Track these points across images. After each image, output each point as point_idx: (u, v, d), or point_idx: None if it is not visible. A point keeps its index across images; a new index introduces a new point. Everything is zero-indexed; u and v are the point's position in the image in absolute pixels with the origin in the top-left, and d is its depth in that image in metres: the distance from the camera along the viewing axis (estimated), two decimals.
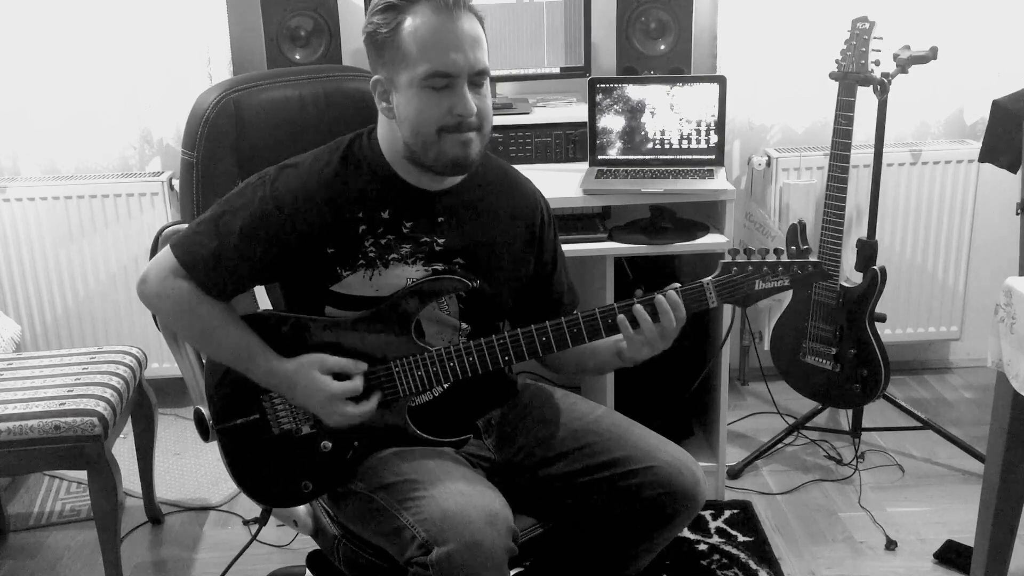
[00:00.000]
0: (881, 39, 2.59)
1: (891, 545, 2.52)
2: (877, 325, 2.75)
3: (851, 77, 2.60)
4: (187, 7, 3.05)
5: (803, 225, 2.76)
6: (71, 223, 3.12)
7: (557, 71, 3.01)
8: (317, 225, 1.64)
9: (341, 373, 1.65)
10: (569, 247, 2.46)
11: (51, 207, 3.10)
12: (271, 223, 1.63)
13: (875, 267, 2.71)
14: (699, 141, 2.64)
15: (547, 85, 3.12)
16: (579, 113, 2.82)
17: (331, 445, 1.70)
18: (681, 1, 2.90)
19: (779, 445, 2.98)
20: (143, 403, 2.58)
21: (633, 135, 2.67)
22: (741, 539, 2.55)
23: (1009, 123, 2.67)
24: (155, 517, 2.71)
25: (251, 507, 2.66)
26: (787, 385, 2.94)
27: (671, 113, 2.63)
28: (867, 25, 2.58)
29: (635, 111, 2.65)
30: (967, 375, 3.47)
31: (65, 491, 2.86)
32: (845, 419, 3.05)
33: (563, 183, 2.61)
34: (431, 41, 1.56)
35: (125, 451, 2.71)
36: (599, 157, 2.69)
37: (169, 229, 1.83)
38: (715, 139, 2.63)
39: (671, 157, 2.66)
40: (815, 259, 1.64)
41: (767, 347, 3.07)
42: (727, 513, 2.67)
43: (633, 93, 2.64)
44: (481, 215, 1.75)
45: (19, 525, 2.71)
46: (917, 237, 3.26)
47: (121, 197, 3.11)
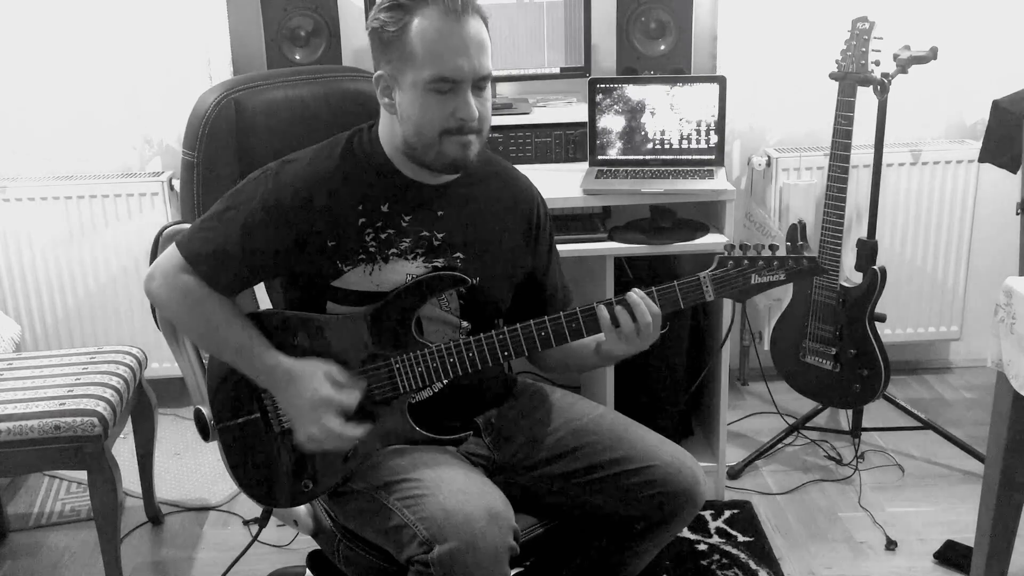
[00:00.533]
0: (881, 39, 2.59)
1: (891, 545, 2.53)
2: (877, 325, 2.75)
3: (851, 77, 2.60)
4: (187, 7, 3.05)
5: (803, 225, 2.76)
6: (71, 223, 3.12)
7: (557, 71, 3.01)
8: (318, 218, 1.65)
9: (342, 387, 1.64)
10: (569, 247, 2.48)
11: (51, 207, 3.10)
12: (273, 217, 1.64)
13: (875, 267, 2.71)
14: (699, 141, 2.64)
15: (547, 85, 3.13)
16: (579, 113, 2.82)
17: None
18: (681, 1, 2.91)
19: (779, 445, 2.98)
20: (143, 403, 2.58)
21: (633, 135, 2.67)
22: (741, 539, 2.55)
23: (1009, 123, 2.67)
24: (155, 517, 2.71)
25: (251, 507, 2.66)
26: (787, 385, 2.94)
27: (671, 113, 2.63)
28: (867, 25, 2.58)
29: (635, 111, 2.65)
30: (967, 375, 3.47)
31: (65, 491, 2.86)
32: (845, 419, 3.05)
33: (563, 183, 2.62)
34: (438, 46, 1.56)
35: (125, 451, 2.71)
36: (599, 157, 2.69)
37: (170, 229, 1.84)
38: (715, 139, 2.63)
39: (671, 157, 2.66)
40: (813, 256, 1.65)
41: (767, 347, 3.07)
42: (727, 513, 2.67)
43: (633, 93, 2.64)
44: (480, 210, 1.75)
45: (19, 525, 2.71)
46: (917, 237, 3.27)
47: (121, 197, 3.11)
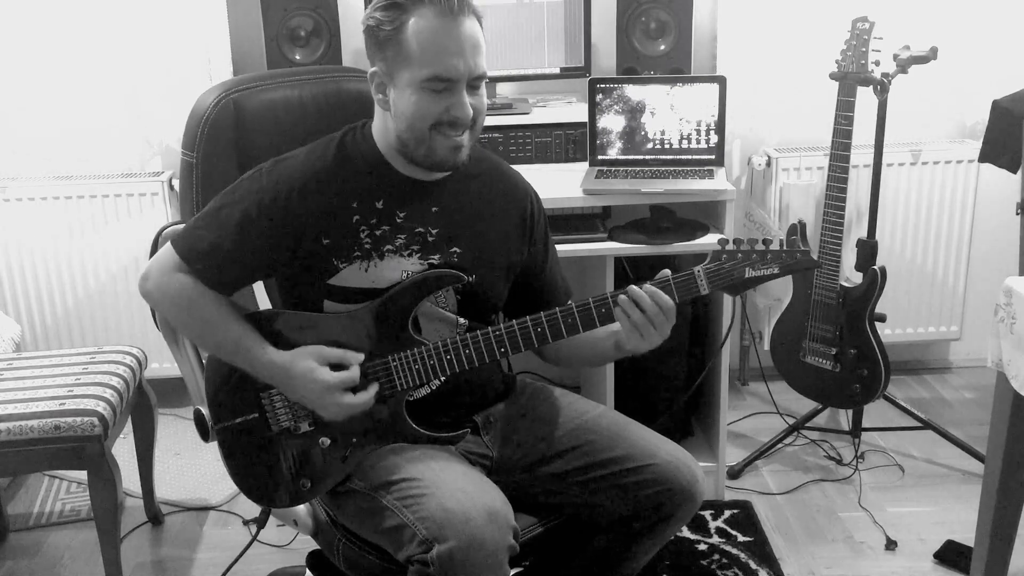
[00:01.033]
0: (881, 39, 2.59)
1: (891, 545, 2.52)
2: (877, 325, 2.75)
3: (851, 77, 2.60)
4: (187, 7, 3.06)
5: (803, 225, 2.76)
6: (71, 223, 3.12)
7: (557, 71, 3.01)
8: (312, 215, 1.65)
9: (338, 364, 1.65)
10: (569, 247, 2.48)
11: (51, 207, 3.11)
12: (268, 214, 1.64)
13: (875, 267, 2.71)
14: (699, 141, 2.64)
15: (547, 85, 3.13)
16: (579, 113, 2.82)
17: (329, 442, 1.70)
18: (681, 1, 2.91)
19: (779, 445, 2.98)
20: (143, 403, 2.58)
21: (633, 135, 2.67)
22: (741, 539, 2.55)
23: (1009, 123, 2.67)
24: (155, 517, 2.71)
25: (251, 507, 2.66)
26: (787, 385, 2.94)
27: (671, 113, 2.63)
28: (867, 25, 2.58)
29: (635, 111, 2.65)
30: (967, 375, 3.47)
31: (65, 491, 2.86)
32: (845, 419, 3.05)
33: (563, 183, 2.62)
34: (434, 46, 1.57)
35: (125, 451, 2.71)
36: (599, 157, 2.69)
37: (169, 229, 1.84)
38: (715, 139, 2.63)
39: (671, 157, 2.66)
40: (805, 248, 1.65)
41: (767, 347, 3.07)
42: (727, 513, 2.67)
43: (633, 93, 2.64)
44: (473, 205, 1.76)
45: (19, 525, 2.71)
46: (917, 237, 3.27)
47: (121, 197, 3.11)
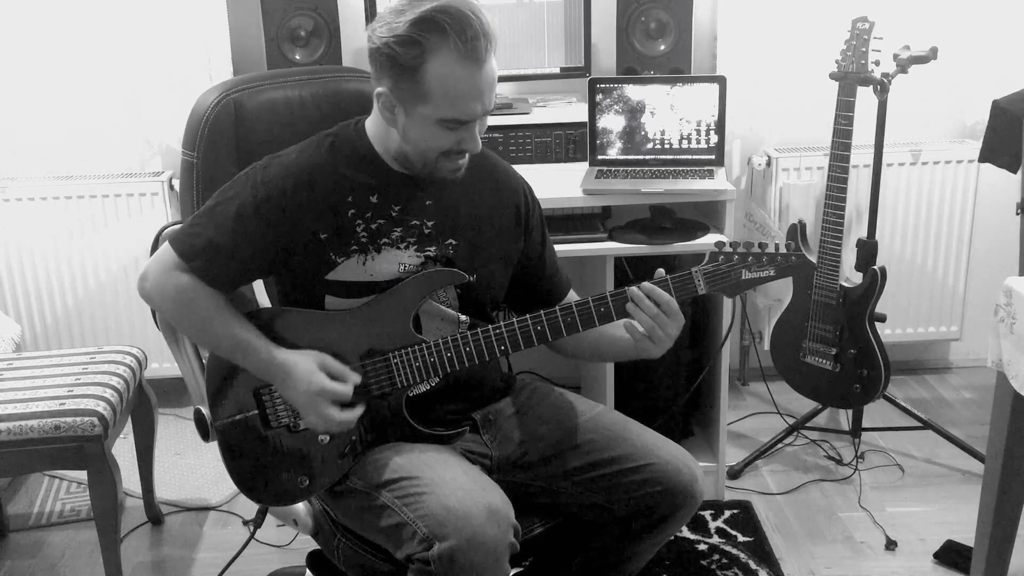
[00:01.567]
0: (881, 39, 2.59)
1: (891, 545, 2.52)
2: (877, 325, 2.75)
3: (851, 77, 2.60)
4: (187, 7, 3.05)
5: (803, 225, 2.74)
6: (71, 223, 3.12)
7: (557, 71, 3.01)
8: (307, 209, 1.66)
9: (337, 376, 1.66)
10: (569, 247, 2.48)
11: (51, 207, 3.10)
12: (264, 209, 1.65)
13: (875, 267, 2.71)
14: (699, 141, 2.64)
15: (547, 85, 3.13)
16: (579, 113, 2.82)
17: (328, 439, 1.71)
18: (681, 1, 2.91)
19: (779, 445, 2.98)
20: (143, 403, 2.58)
21: (633, 135, 2.67)
22: (741, 539, 2.55)
23: (1009, 123, 2.67)
24: (155, 517, 2.71)
25: (251, 507, 2.64)
26: (787, 385, 2.94)
27: (671, 113, 2.63)
28: (867, 25, 2.58)
29: (635, 111, 2.65)
30: (967, 375, 3.47)
31: (65, 491, 2.86)
32: (845, 419, 3.05)
33: (563, 183, 2.62)
34: (456, 92, 1.57)
35: (125, 451, 2.71)
36: (599, 157, 2.69)
37: (169, 229, 1.84)
38: (715, 139, 2.63)
39: (671, 157, 2.65)
40: (814, 260, 1.66)
41: (767, 347, 3.07)
42: (727, 513, 2.67)
43: (633, 93, 2.64)
44: (467, 197, 1.77)
45: (19, 525, 2.71)
46: (917, 237, 3.27)
47: (121, 197, 3.11)
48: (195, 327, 1.72)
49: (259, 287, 1.93)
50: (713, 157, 2.64)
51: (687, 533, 2.56)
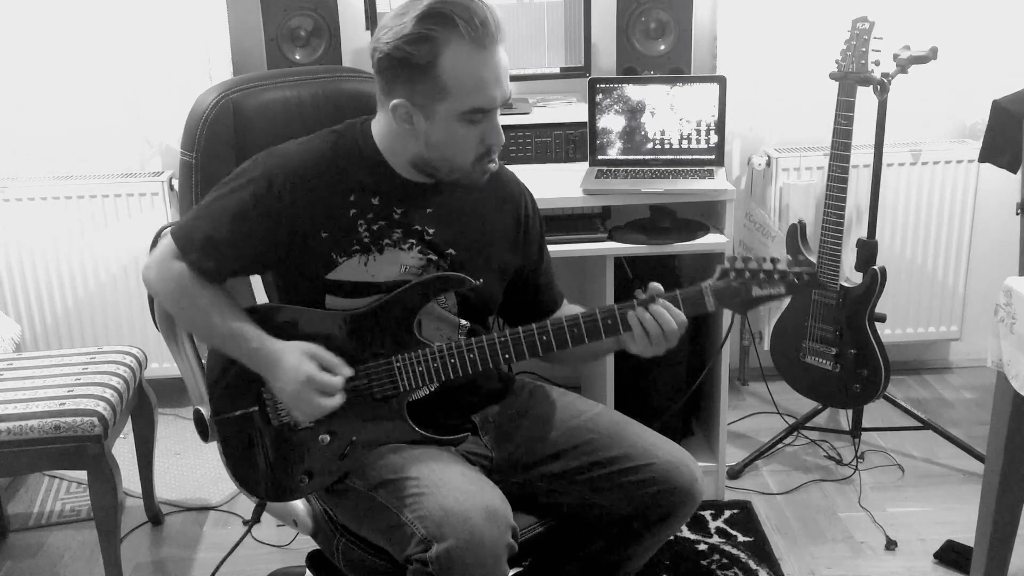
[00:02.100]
0: (881, 39, 2.59)
1: (891, 545, 2.52)
2: (877, 325, 2.75)
3: (851, 77, 2.60)
4: (187, 7, 3.05)
5: (803, 225, 2.76)
6: (71, 223, 3.12)
7: (557, 71, 3.01)
8: (307, 206, 1.65)
9: (328, 368, 1.65)
10: (569, 247, 2.48)
11: (51, 207, 3.10)
12: (262, 203, 1.64)
13: (875, 267, 2.71)
14: (699, 141, 2.64)
15: (547, 85, 3.12)
16: (579, 113, 2.82)
17: (329, 439, 1.70)
18: (681, 1, 2.91)
19: (779, 445, 2.98)
20: (143, 403, 2.58)
21: (633, 135, 2.67)
22: (741, 539, 2.55)
23: (1009, 123, 2.67)
24: (155, 517, 2.71)
25: (251, 507, 2.65)
26: (787, 385, 2.94)
27: (671, 113, 2.63)
28: (867, 25, 2.58)
29: (635, 111, 2.65)
30: (967, 375, 3.47)
31: (65, 491, 2.86)
32: (845, 419, 3.04)
33: (563, 183, 2.62)
34: (474, 79, 1.56)
35: (125, 451, 2.70)
36: (599, 157, 2.69)
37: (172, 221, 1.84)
38: (715, 139, 2.63)
39: (671, 157, 2.66)
40: (812, 266, 1.64)
41: (767, 347, 3.07)
42: (727, 513, 2.67)
43: (633, 93, 2.64)
44: (468, 206, 1.76)
45: (19, 525, 2.71)
46: (917, 237, 3.26)
47: (121, 197, 3.11)
48: (190, 316, 1.72)
49: (259, 288, 1.93)
50: (713, 157, 2.64)
51: (687, 533, 2.56)
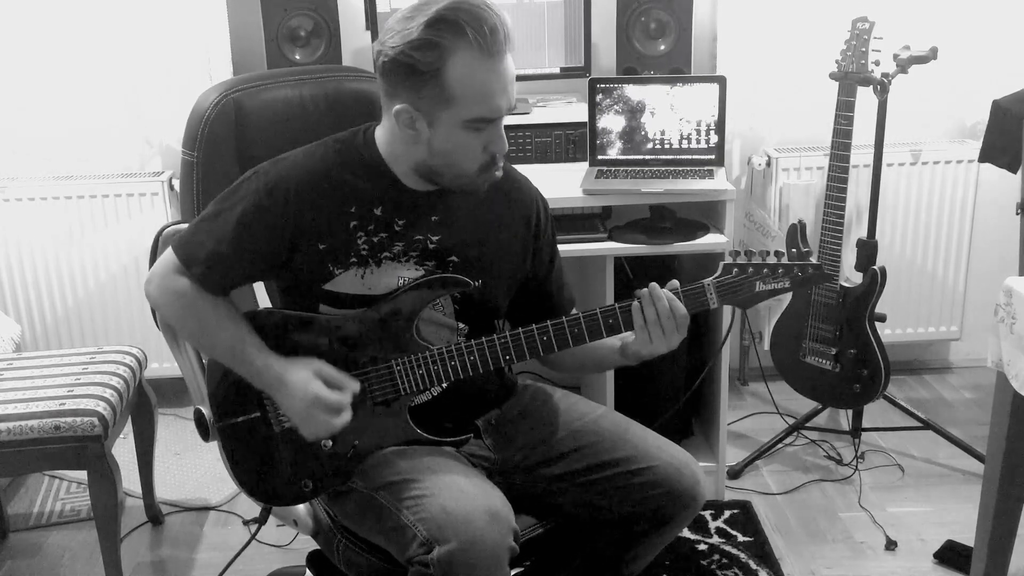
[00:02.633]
0: (881, 39, 2.59)
1: (891, 545, 2.52)
2: (877, 325, 2.75)
3: (851, 77, 2.60)
4: (187, 7, 3.05)
5: (803, 225, 2.76)
6: (71, 223, 3.12)
7: (557, 71, 3.01)
8: (309, 218, 1.64)
9: (335, 384, 1.64)
10: (569, 247, 2.48)
11: (51, 207, 3.10)
12: (265, 216, 1.63)
13: (875, 267, 2.71)
14: (699, 141, 2.64)
15: (547, 85, 3.12)
16: (579, 113, 2.82)
17: (332, 444, 1.70)
18: (681, 1, 2.91)
19: (779, 445, 2.98)
20: (143, 403, 2.58)
21: (633, 135, 2.67)
22: (741, 539, 2.55)
23: (1009, 123, 2.67)
24: (155, 517, 2.71)
25: (251, 507, 2.66)
26: (787, 385, 2.94)
27: (671, 113, 2.63)
28: (867, 25, 2.58)
29: (635, 111, 2.65)
30: (967, 375, 3.47)
31: (65, 491, 2.86)
32: (845, 419, 3.05)
33: (563, 183, 2.61)
34: (480, 88, 1.54)
35: (125, 451, 2.70)
36: (599, 157, 2.69)
37: (169, 229, 1.84)
38: (715, 139, 2.63)
39: (671, 157, 2.66)
40: (815, 261, 1.65)
41: (767, 347, 3.07)
42: (727, 513, 2.67)
43: (633, 93, 2.64)
44: (476, 214, 1.74)
45: (19, 525, 2.71)
46: (917, 237, 3.27)
47: (121, 197, 3.11)
48: (194, 331, 1.72)
49: (260, 289, 1.93)
50: (713, 157, 2.64)
51: (687, 533, 2.56)
